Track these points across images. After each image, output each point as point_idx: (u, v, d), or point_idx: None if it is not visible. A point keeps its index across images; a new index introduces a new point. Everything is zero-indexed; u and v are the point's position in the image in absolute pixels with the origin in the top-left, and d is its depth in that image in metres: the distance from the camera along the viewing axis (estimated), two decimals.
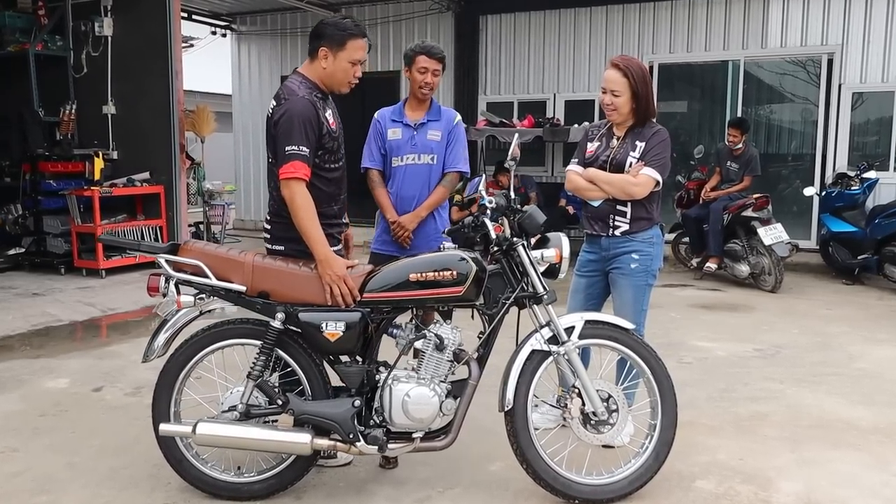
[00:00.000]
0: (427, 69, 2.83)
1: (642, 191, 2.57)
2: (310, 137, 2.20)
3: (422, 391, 2.16)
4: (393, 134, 2.91)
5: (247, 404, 2.20)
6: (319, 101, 2.29)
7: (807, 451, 2.69)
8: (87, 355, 3.94)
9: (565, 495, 2.24)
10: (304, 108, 2.20)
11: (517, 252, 2.25)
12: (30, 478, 2.43)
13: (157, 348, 2.20)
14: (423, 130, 2.89)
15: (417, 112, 2.91)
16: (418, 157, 2.89)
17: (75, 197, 6.15)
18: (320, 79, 2.32)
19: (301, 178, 2.17)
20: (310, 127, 2.20)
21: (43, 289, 5.65)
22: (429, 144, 2.88)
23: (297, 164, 2.16)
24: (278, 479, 2.26)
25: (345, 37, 2.27)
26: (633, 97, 2.56)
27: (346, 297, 2.15)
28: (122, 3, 6.60)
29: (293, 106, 2.20)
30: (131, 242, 2.35)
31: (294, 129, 2.17)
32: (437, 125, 2.90)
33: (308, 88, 2.28)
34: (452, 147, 2.90)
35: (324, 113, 2.28)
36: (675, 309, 5.13)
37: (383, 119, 2.95)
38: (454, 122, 2.94)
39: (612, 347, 2.34)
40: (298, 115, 2.19)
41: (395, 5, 8.92)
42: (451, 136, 2.90)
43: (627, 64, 2.57)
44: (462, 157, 2.92)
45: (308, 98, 2.24)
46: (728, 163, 6.17)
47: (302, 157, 2.17)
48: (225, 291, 2.19)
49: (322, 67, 2.29)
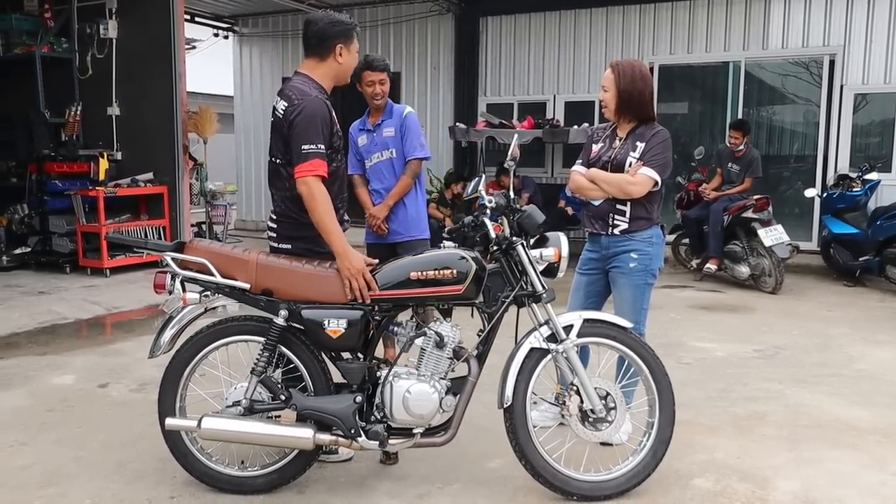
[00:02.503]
0: (374, 81, 3.21)
1: (640, 190, 2.61)
2: (325, 136, 2.27)
3: (422, 388, 2.19)
4: (361, 140, 3.38)
5: (250, 400, 2.24)
6: (328, 101, 2.36)
7: (805, 450, 2.71)
8: (92, 352, 3.98)
9: (564, 491, 2.27)
10: (320, 108, 2.28)
11: (516, 251, 2.28)
12: (38, 471, 2.48)
13: (163, 344, 2.24)
14: (380, 130, 3.32)
15: (376, 116, 3.35)
16: (381, 154, 3.32)
17: (80, 197, 6.21)
18: (334, 75, 2.39)
19: (320, 175, 2.21)
20: (325, 126, 2.28)
21: (49, 287, 5.71)
22: (385, 141, 3.30)
23: (315, 162, 2.21)
24: (280, 473, 2.30)
25: (351, 30, 2.42)
26: (616, 92, 2.66)
27: (363, 292, 2.17)
28: (127, 6, 6.65)
29: (309, 105, 2.26)
30: (138, 241, 2.40)
31: (311, 128, 2.23)
32: (390, 122, 3.30)
33: (316, 89, 2.34)
34: (406, 138, 3.26)
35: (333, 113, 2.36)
36: (675, 309, 5.15)
37: (354, 130, 3.42)
38: (403, 115, 3.29)
39: (610, 346, 2.37)
40: (316, 114, 2.25)
41: (395, 7, 8.97)
42: (402, 129, 3.27)
43: (618, 62, 2.72)
44: (416, 145, 3.27)
45: (322, 98, 2.32)
46: (729, 164, 6.19)
47: (320, 154, 2.22)
48: (229, 289, 2.23)
49: (339, 63, 2.39)
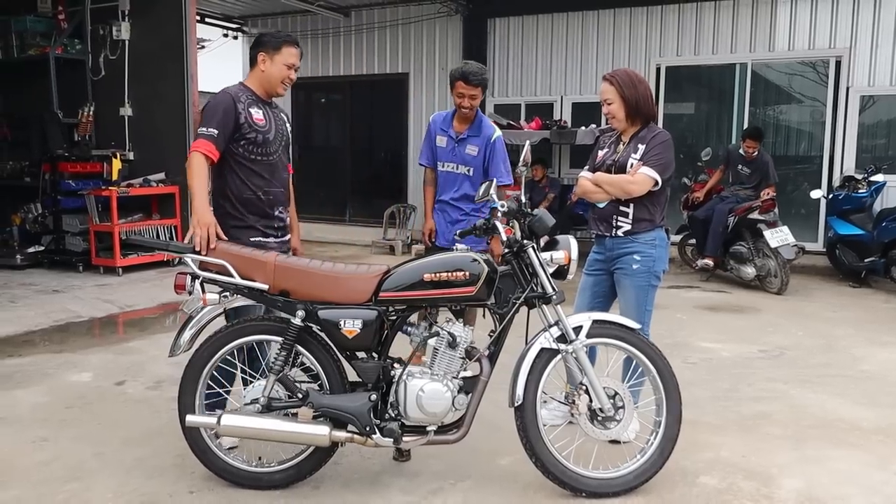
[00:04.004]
0: (464, 94, 3.17)
1: (639, 189, 2.67)
2: (222, 123, 2.51)
3: (435, 386, 2.25)
4: (440, 141, 3.34)
5: (268, 397, 2.30)
6: (250, 100, 2.59)
7: (809, 449, 2.76)
8: (107, 350, 4.06)
9: (573, 488, 2.33)
10: (223, 100, 2.54)
11: (527, 254, 2.33)
12: (60, 466, 2.55)
13: (183, 343, 2.30)
14: (463, 144, 3.27)
15: (461, 126, 3.29)
16: (456, 166, 3.30)
17: (93, 197, 6.29)
18: (259, 82, 2.64)
19: (201, 152, 2.48)
20: (226, 115, 2.51)
21: (62, 286, 5.79)
22: (466, 158, 3.27)
23: (200, 142, 2.49)
24: (297, 469, 2.36)
25: (280, 43, 2.61)
26: (623, 101, 2.71)
27: (203, 242, 2.35)
28: (140, 8, 6.73)
29: (215, 97, 2.57)
30: (160, 242, 2.46)
31: (207, 114, 2.53)
32: (475, 140, 3.26)
33: (241, 89, 2.62)
34: (492, 163, 3.24)
35: (248, 107, 2.57)
36: (681, 310, 5.19)
37: (434, 125, 3.38)
38: (492, 139, 3.25)
39: (618, 347, 2.42)
40: (217, 104, 2.54)
41: (404, 8, 9.02)
42: (488, 151, 3.25)
43: (613, 73, 2.77)
44: (503, 171, 3.25)
45: (231, 92, 2.57)
46: (739, 166, 6.23)
47: (209, 136, 2.49)
48: (248, 290, 2.29)
49: (261, 70, 2.62)
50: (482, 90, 3.17)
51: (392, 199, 8.88)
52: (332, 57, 9.69)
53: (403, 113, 9.18)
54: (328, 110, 10.36)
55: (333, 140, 10.21)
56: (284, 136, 2.70)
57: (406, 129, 9.09)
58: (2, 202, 7.05)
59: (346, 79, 9.61)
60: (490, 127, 3.27)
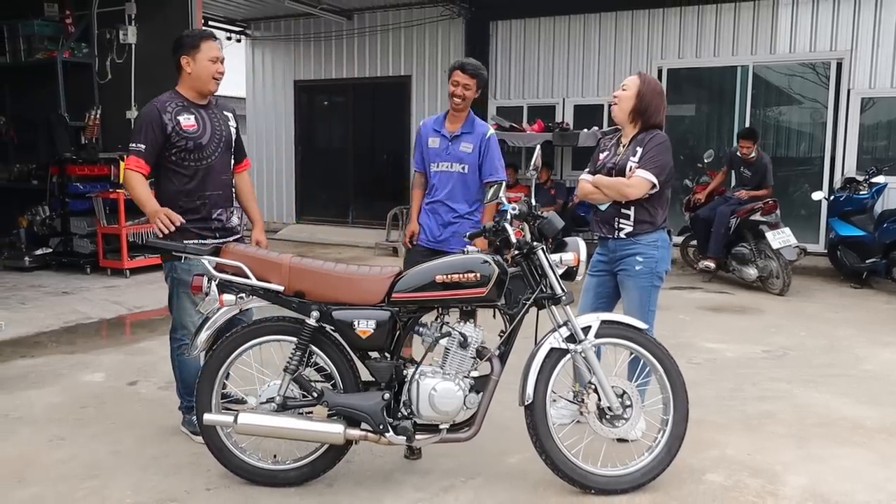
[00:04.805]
0: (459, 82, 3.14)
1: (636, 191, 2.71)
2: (149, 135, 2.61)
3: (447, 385, 2.30)
4: (432, 143, 3.29)
5: (283, 396, 2.35)
6: (179, 107, 2.65)
7: (813, 447, 2.80)
8: (118, 351, 4.11)
9: (582, 485, 2.37)
10: (148, 112, 2.64)
11: (536, 255, 2.38)
12: (78, 464, 2.59)
13: (200, 344, 2.35)
14: (457, 142, 3.23)
15: (454, 124, 3.25)
16: (451, 165, 3.25)
17: (101, 199, 6.35)
18: (189, 85, 2.68)
19: (131, 169, 2.63)
20: (152, 126, 2.61)
21: (71, 287, 5.84)
22: (460, 155, 3.22)
23: (130, 159, 2.63)
24: (311, 467, 2.41)
25: (197, 41, 2.66)
26: (637, 97, 2.75)
27: (166, 224, 2.57)
28: (146, 12, 6.78)
29: (142, 110, 2.69)
30: (178, 245, 2.50)
31: (135, 128, 2.65)
32: (469, 138, 3.22)
33: (170, 97, 2.67)
34: (486, 159, 3.21)
35: (175, 115, 2.63)
36: (685, 311, 5.23)
37: (426, 128, 3.34)
38: (486, 136, 3.23)
39: (626, 346, 2.47)
40: (142, 116, 2.65)
41: (406, 11, 9.08)
42: (483, 148, 3.22)
43: (646, 74, 2.84)
44: (498, 167, 3.25)
45: (157, 104, 2.64)
46: (741, 168, 6.28)
47: (137, 152, 2.62)
48: (264, 291, 2.34)
49: (188, 73, 2.66)
50: (477, 84, 3.13)
51: (395, 200, 8.93)
52: (335, 60, 9.75)
53: (406, 115, 9.24)
54: (331, 113, 10.42)
55: (336, 142, 10.26)
56: (224, 136, 2.74)
57: (409, 131, 9.15)
58: (9, 205, 7.09)
59: (349, 81, 9.67)
60: (483, 125, 3.27)
